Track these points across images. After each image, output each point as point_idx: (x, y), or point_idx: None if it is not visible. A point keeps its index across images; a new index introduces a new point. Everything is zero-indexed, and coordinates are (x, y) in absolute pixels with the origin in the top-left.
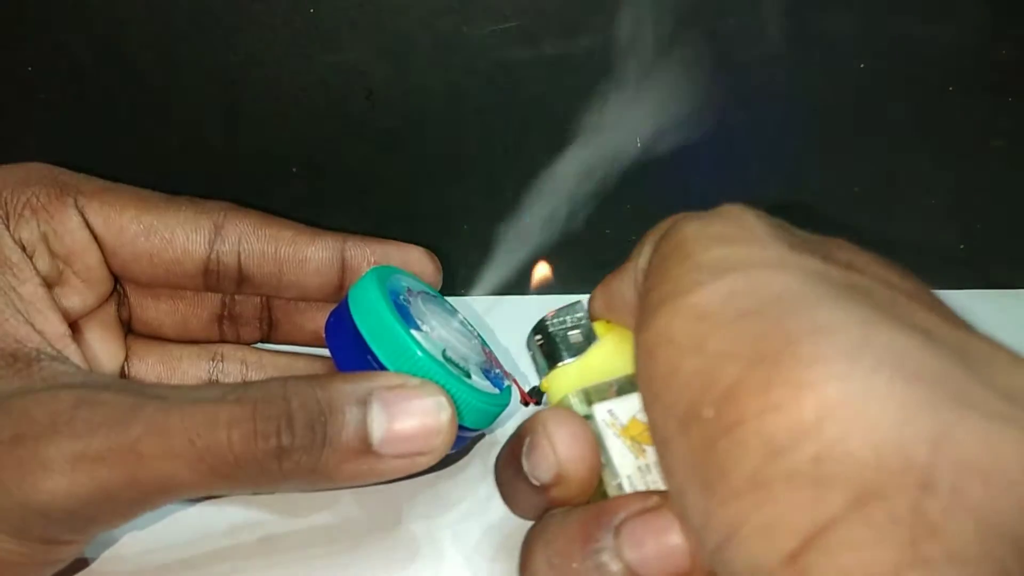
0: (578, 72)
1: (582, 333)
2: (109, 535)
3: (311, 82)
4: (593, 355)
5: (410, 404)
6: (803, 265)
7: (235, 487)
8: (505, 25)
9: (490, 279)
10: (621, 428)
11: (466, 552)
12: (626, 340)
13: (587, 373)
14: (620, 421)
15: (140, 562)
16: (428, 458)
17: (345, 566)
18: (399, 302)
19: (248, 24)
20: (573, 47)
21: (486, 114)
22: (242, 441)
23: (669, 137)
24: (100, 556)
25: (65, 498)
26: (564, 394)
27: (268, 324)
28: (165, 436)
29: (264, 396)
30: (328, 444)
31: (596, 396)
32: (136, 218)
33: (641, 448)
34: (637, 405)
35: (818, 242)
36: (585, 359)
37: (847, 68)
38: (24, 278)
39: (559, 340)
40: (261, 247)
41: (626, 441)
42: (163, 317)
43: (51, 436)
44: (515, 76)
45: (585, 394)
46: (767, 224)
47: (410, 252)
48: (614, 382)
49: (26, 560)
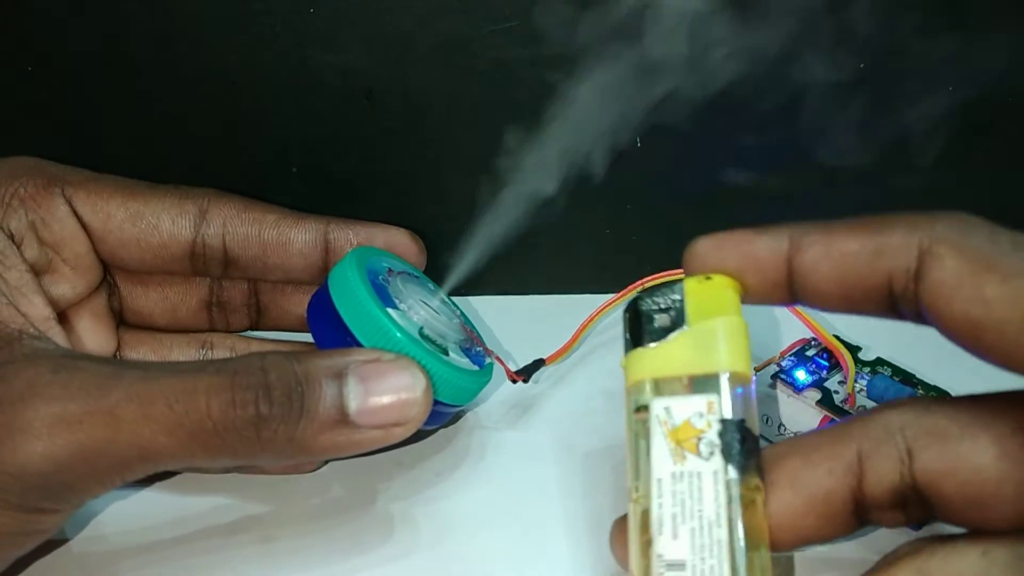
0: (578, 72)
1: (670, 317)
2: (87, 513)
3: (311, 82)
4: (675, 344)
5: (385, 376)
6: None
7: (213, 456)
8: (505, 25)
9: (490, 279)
10: (672, 429)
11: (439, 531)
12: (718, 333)
13: (664, 362)
14: (673, 421)
15: (118, 542)
16: (404, 429)
17: (322, 544)
18: (378, 282)
19: (248, 24)
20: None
21: (486, 114)
22: (220, 409)
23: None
24: (78, 535)
25: (41, 461)
26: (637, 379)
27: (256, 311)
28: (144, 402)
29: (243, 367)
30: (305, 414)
31: (665, 388)
32: (122, 205)
33: (682, 455)
34: (698, 407)
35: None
36: (665, 346)
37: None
38: (10, 264)
39: (645, 321)
40: (245, 230)
41: (671, 443)
42: (153, 306)
43: (29, 400)
44: (515, 76)
45: (655, 384)
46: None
47: (393, 234)
48: (689, 377)
49: (8, 529)
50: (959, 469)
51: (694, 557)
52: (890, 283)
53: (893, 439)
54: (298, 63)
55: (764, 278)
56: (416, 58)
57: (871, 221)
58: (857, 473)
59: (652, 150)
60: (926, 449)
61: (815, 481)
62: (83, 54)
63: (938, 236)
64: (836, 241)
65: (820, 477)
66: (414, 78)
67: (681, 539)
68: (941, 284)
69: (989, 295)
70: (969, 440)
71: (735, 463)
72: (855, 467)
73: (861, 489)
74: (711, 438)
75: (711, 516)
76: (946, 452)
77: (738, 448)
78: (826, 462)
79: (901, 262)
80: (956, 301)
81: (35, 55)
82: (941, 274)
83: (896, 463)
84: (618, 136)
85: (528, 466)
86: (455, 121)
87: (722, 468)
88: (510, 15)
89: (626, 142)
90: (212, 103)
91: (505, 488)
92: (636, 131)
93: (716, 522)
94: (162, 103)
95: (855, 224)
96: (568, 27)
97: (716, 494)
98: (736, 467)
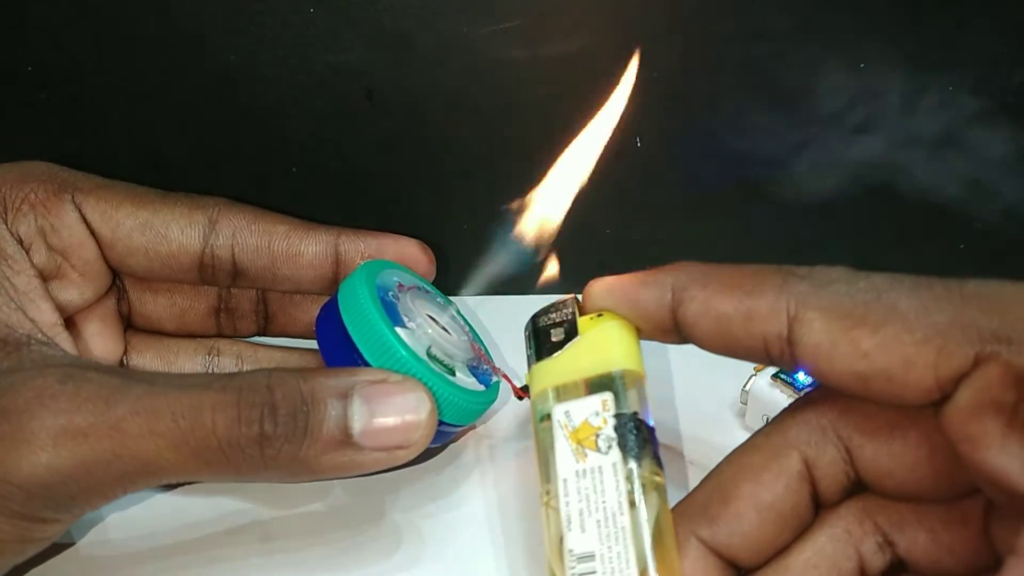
0: (578, 72)
1: (565, 330)
2: (94, 517)
3: (311, 82)
4: (569, 353)
5: (391, 398)
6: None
7: (216, 473)
8: (505, 25)
9: (490, 279)
10: (572, 430)
11: (445, 541)
12: (606, 338)
13: (561, 371)
14: (573, 423)
15: (124, 546)
16: (408, 452)
17: (329, 554)
18: (387, 299)
19: (248, 24)
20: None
21: (486, 114)
22: (226, 426)
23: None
24: (84, 538)
25: (45, 472)
26: (540, 389)
27: (264, 317)
28: (150, 416)
29: (249, 385)
30: (309, 434)
31: (564, 395)
32: (132, 214)
33: (583, 452)
34: (594, 406)
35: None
36: (562, 356)
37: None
38: (19, 269)
39: (543, 337)
40: (255, 242)
41: (572, 444)
42: (162, 311)
43: (35, 410)
44: (515, 76)
45: (556, 392)
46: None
47: (404, 245)
48: (583, 381)
49: (7, 537)
50: (896, 469)
51: (602, 547)
52: (766, 345)
53: (830, 440)
54: (298, 63)
55: (653, 325)
56: (416, 58)
57: (743, 279)
58: (809, 479)
59: (652, 150)
60: (862, 448)
61: (777, 498)
62: (82, 54)
63: (802, 300)
64: (712, 300)
65: (780, 494)
66: (414, 78)
67: (589, 532)
68: (817, 347)
69: (866, 348)
70: (901, 439)
71: (632, 453)
72: (806, 474)
73: (817, 492)
74: (608, 433)
75: (614, 506)
76: (880, 451)
77: (633, 439)
78: (780, 478)
79: (772, 328)
80: (836, 360)
81: (35, 55)
82: (814, 338)
83: (840, 464)
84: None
85: (533, 478)
86: (455, 121)
87: (620, 460)
88: (510, 15)
89: (626, 141)
90: (212, 103)
91: (509, 500)
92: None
93: (619, 511)
94: (161, 103)
95: (730, 281)
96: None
97: (617, 484)
98: (633, 457)
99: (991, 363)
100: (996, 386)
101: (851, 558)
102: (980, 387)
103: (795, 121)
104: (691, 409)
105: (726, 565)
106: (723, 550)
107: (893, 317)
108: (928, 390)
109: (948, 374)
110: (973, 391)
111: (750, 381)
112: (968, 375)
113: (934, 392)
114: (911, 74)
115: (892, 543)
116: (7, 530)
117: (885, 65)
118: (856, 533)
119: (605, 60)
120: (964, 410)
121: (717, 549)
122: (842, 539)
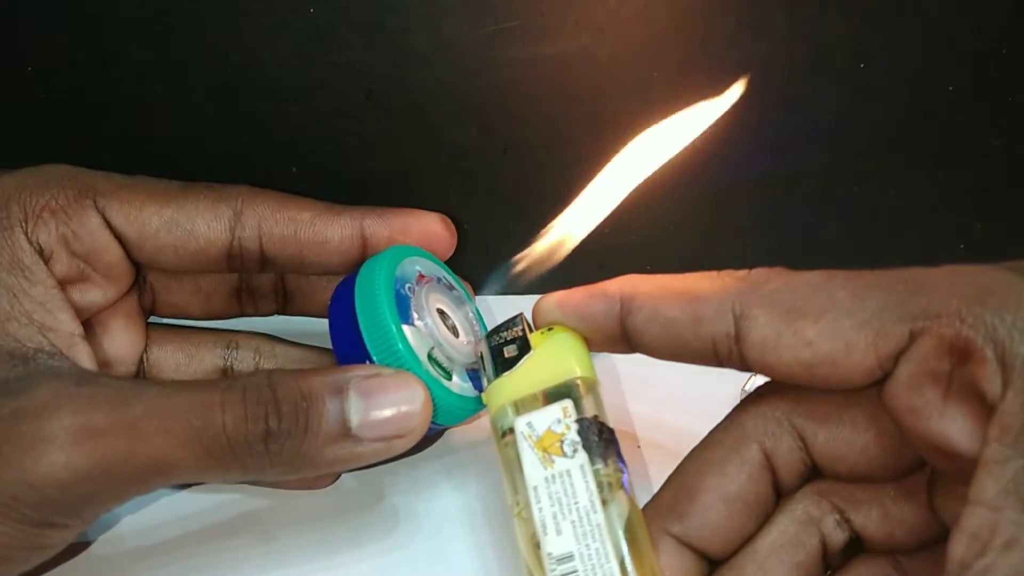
0: (578, 72)
1: (518, 346)
2: (109, 518)
3: (311, 82)
4: (525, 367)
5: (385, 390)
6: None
7: (225, 470)
8: (505, 25)
9: (490, 279)
10: (537, 440)
11: (439, 524)
12: (558, 350)
13: (517, 386)
14: (536, 433)
15: (139, 544)
16: (405, 440)
17: (331, 539)
18: (402, 292)
19: (248, 24)
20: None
21: (486, 114)
22: (234, 423)
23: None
24: (99, 538)
25: (63, 471)
26: (499, 406)
27: (283, 296)
28: (165, 416)
29: (252, 385)
30: (310, 429)
31: (523, 408)
32: (156, 213)
33: (550, 459)
34: (556, 415)
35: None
36: (517, 371)
37: (849, 68)
38: (36, 280)
39: (496, 355)
40: (281, 230)
41: (538, 453)
42: (188, 297)
43: (53, 411)
44: (515, 76)
45: (515, 407)
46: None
47: (427, 222)
48: (541, 393)
49: (15, 543)
50: (847, 453)
51: (579, 546)
52: (714, 346)
53: (786, 431)
54: (298, 63)
55: (602, 336)
56: (416, 58)
57: (688, 285)
58: (770, 468)
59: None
60: (815, 436)
61: (742, 489)
62: (83, 54)
63: (746, 299)
64: (660, 307)
65: (744, 485)
66: (414, 78)
67: (565, 533)
68: (763, 340)
69: (809, 337)
70: (850, 425)
71: (597, 454)
72: (766, 464)
73: (777, 480)
74: (572, 437)
75: (586, 505)
76: (832, 437)
77: (596, 440)
78: (743, 470)
79: (720, 328)
80: (782, 351)
81: (35, 56)
82: (760, 332)
83: (797, 452)
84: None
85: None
86: (455, 121)
87: (587, 461)
88: (510, 15)
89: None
90: (211, 103)
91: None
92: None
93: (592, 508)
94: (161, 103)
95: (675, 288)
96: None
97: (587, 484)
98: (599, 457)
99: (924, 336)
100: (932, 357)
101: (814, 535)
102: (917, 359)
103: (799, 122)
104: (691, 409)
105: (699, 557)
106: (695, 543)
107: (832, 306)
108: (870, 370)
109: (887, 352)
110: (911, 364)
111: (749, 381)
112: (905, 351)
113: (876, 371)
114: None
115: (848, 520)
116: (14, 536)
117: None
118: (815, 514)
119: (605, 60)
120: (904, 384)
121: (689, 543)
122: (803, 520)
